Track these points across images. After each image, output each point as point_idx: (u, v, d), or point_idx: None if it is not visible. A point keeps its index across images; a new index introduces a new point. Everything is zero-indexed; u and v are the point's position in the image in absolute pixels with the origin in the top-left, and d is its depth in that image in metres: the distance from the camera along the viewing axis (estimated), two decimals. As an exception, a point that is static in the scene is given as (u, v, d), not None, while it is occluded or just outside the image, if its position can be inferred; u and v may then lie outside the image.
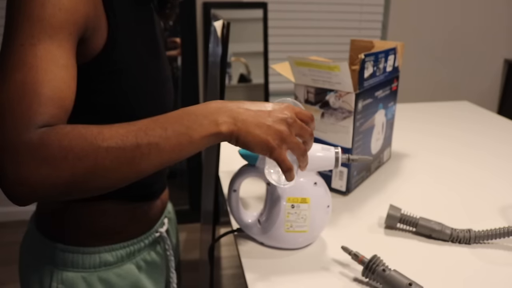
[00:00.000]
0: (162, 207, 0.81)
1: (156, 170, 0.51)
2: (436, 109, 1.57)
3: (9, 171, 0.44)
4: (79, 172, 0.46)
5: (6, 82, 0.47)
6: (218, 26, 1.06)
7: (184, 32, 2.25)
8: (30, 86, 0.47)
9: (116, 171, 0.48)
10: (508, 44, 2.69)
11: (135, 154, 0.48)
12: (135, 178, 0.50)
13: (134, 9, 0.65)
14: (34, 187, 0.45)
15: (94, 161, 0.46)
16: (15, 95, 0.46)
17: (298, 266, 0.70)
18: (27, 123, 0.46)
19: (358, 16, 2.47)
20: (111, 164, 0.47)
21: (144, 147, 0.48)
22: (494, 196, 0.94)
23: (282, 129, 0.55)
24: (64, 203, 0.69)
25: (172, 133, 0.50)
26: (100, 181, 0.48)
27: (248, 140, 0.53)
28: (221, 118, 0.52)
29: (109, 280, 0.71)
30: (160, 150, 0.49)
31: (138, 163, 0.48)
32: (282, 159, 0.56)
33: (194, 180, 2.46)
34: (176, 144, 0.50)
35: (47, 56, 0.48)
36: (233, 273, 2.06)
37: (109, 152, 0.47)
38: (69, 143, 0.46)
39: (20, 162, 0.45)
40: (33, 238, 0.72)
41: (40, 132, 0.46)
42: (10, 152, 0.45)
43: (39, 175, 0.45)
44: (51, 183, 0.46)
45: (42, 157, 0.45)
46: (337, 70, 0.83)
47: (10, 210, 2.44)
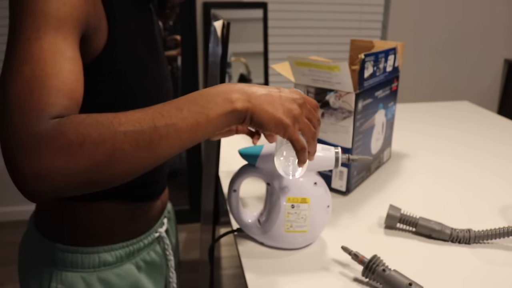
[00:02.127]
0: (162, 207, 0.81)
1: (176, 153, 0.50)
2: (436, 109, 1.57)
3: (24, 165, 0.43)
4: (98, 159, 0.45)
5: (14, 76, 0.46)
6: (218, 26, 1.06)
7: (184, 32, 2.25)
8: (38, 78, 0.46)
9: (136, 155, 0.46)
10: (508, 44, 2.69)
11: (153, 137, 0.47)
12: (155, 163, 0.49)
13: (134, 10, 0.65)
14: (52, 179, 0.43)
15: (112, 146, 0.45)
16: (25, 88, 0.45)
17: (298, 266, 0.70)
18: (39, 114, 0.45)
19: (358, 16, 2.47)
20: (130, 148, 0.46)
21: (161, 128, 0.47)
22: (494, 196, 0.94)
23: (294, 108, 0.55)
24: (63, 202, 0.69)
25: (188, 113, 0.49)
26: (120, 167, 0.46)
27: (262, 117, 0.53)
28: (234, 96, 0.52)
29: (109, 280, 0.71)
30: (178, 131, 0.48)
31: (157, 145, 0.47)
32: (296, 137, 0.56)
33: (194, 180, 2.46)
34: (194, 124, 0.49)
35: (54, 49, 0.48)
36: (233, 273, 2.06)
37: (127, 135, 0.46)
38: (85, 129, 0.45)
39: (36, 154, 0.43)
40: (33, 238, 0.72)
41: (54, 122, 0.45)
42: (24, 145, 0.43)
43: (56, 165, 0.43)
44: (70, 173, 0.44)
45: (59, 146, 0.43)
46: (337, 70, 0.83)
47: (10, 210, 2.44)
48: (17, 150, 0.43)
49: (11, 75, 0.46)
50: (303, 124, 0.57)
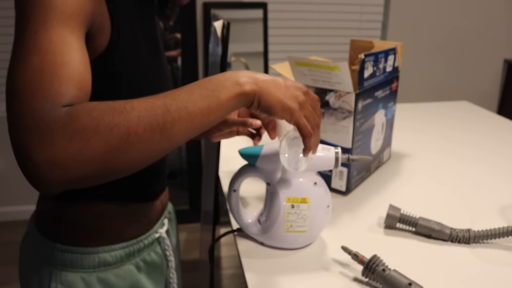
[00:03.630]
0: (162, 208, 0.81)
1: (189, 137, 0.50)
2: (436, 109, 1.57)
3: (37, 152, 0.41)
4: (113, 143, 0.44)
5: (22, 67, 0.45)
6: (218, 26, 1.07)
7: (184, 32, 2.25)
8: (48, 68, 0.45)
9: (150, 139, 0.46)
10: (508, 44, 2.69)
11: (166, 119, 0.47)
12: (169, 147, 0.49)
13: (137, 9, 0.65)
14: (67, 166, 0.42)
15: (126, 129, 0.45)
16: (35, 77, 0.44)
17: (298, 266, 0.70)
18: (50, 102, 0.44)
19: (358, 16, 2.47)
20: (144, 131, 0.45)
21: (174, 111, 0.47)
22: (494, 196, 0.94)
23: (299, 95, 0.57)
24: (64, 202, 0.69)
25: (199, 96, 0.50)
26: (135, 152, 0.46)
27: (270, 100, 0.54)
28: (242, 80, 0.53)
29: (108, 280, 0.71)
30: (190, 114, 0.48)
31: (170, 128, 0.47)
32: (303, 122, 0.57)
33: (194, 180, 2.46)
34: (205, 107, 0.49)
35: (62, 40, 0.47)
36: (233, 273, 2.06)
37: (140, 119, 0.45)
38: (99, 114, 0.44)
39: (49, 140, 0.42)
40: (33, 238, 0.72)
41: (66, 109, 0.44)
42: (36, 132, 0.42)
43: (71, 150, 0.42)
44: (85, 159, 0.43)
45: (73, 131, 0.42)
46: (337, 70, 0.83)
47: (10, 210, 2.44)
48: (29, 137, 0.42)
49: (19, 66, 0.45)
50: (308, 111, 0.58)
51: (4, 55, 2.23)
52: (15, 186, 2.41)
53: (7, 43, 2.20)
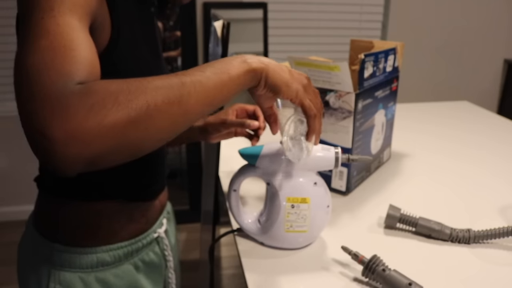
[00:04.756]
0: (161, 208, 0.81)
1: (205, 112, 0.50)
2: (436, 109, 1.57)
3: (54, 129, 0.40)
4: (133, 115, 0.43)
5: (31, 50, 0.44)
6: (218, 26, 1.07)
7: (184, 32, 2.25)
8: (58, 50, 0.44)
9: (168, 112, 0.46)
10: (508, 44, 2.69)
11: (182, 93, 0.47)
12: (187, 121, 0.49)
13: (137, 9, 0.65)
14: (86, 140, 0.41)
15: (145, 102, 0.44)
16: (45, 58, 0.43)
17: (298, 266, 0.70)
18: (63, 79, 0.42)
19: (358, 16, 2.47)
20: (163, 104, 0.45)
21: (188, 85, 0.48)
22: (494, 196, 0.94)
23: (302, 79, 0.60)
24: (62, 202, 0.69)
25: (211, 73, 0.51)
26: (155, 125, 0.45)
27: (276, 78, 0.56)
28: (249, 59, 0.55)
29: (107, 280, 0.71)
30: (204, 87, 0.49)
31: (187, 101, 0.47)
32: (307, 102, 0.60)
33: (194, 180, 2.46)
34: (218, 82, 0.51)
35: (70, 25, 0.47)
36: (233, 273, 2.06)
37: (158, 91, 0.45)
38: (116, 87, 0.44)
39: (66, 114, 0.40)
40: (31, 238, 0.72)
41: (81, 85, 0.43)
42: (51, 108, 0.40)
43: (90, 124, 0.41)
44: (104, 132, 0.41)
45: (90, 104, 0.41)
46: (337, 70, 0.83)
47: (10, 210, 2.44)
48: (45, 114, 0.40)
49: (27, 50, 0.44)
50: (311, 95, 0.60)
51: (4, 55, 2.23)
52: (15, 186, 2.41)
53: (7, 43, 2.20)
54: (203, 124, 0.89)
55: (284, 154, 0.69)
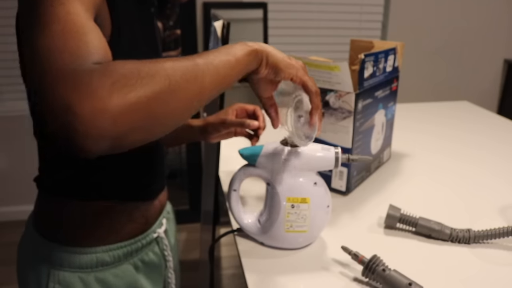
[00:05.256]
0: (161, 208, 0.81)
1: (218, 91, 0.53)
2: (436, 109, 1.57)
3: (81, 104, 0.39)
4: (156, 89, 0.43)
5: (43, 34, 0.43)
6: (218, 26, 1.07)
7: (184, 32, 2.25)
8: (71, 33, 0.44)
9: (187, 88, 0.47)
10: (508, 44, 2.69)
11: (197, 71, 0.49)
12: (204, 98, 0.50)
13: (136, 9, 0.65)
14: (113, 115, 0.40)
15: (166, 77, 0.45)
16: (59, 40, 0.43)
17: (298, 266, 0.70)
18: (81, 59, 0.42)
19: (358, 16, 2.47)
20: (181, 79, 0.46)
21: (201, 64, 0.50)
22: (494, 196, 0.94)
23: (299, 62, 0.64)
24: (61, 202, 0.69)
25: (218, 55, 0.53)
26: (176, 101, 0.46)
27: (276, 58, 0.60)
28: (248, 43, 0.58)
29: (106, 280, 0.71)
30: (216, 67, 0.51)
31: (202, 79, 0.49)
32: (307, 79, 0.63)
33: (194, 180, 2.46)
34: (226, 63, 0.53)
35: (79, 13, 0.47)
36: (233, 273, 2.06)
37: (175, 69, 0.46)
38: (134, 65, 0.44)
39: (92, 90, 0.39)
40: (31, 238, 0.72)
41: (99, 65, 0.43)
42: (74, 83, 0.40)
43: (116, 99, 0.40)
44: (130, 106, 0.41)
45: (114, 80, 0.41)
46: (337, 70, 0.83)
47: (10, 210, 2.44)
48: (69, 90, 0.39)
49: (39, 35, 0.44)
50: (308, 76, 0.63)
51: (4, 55, 2.23)
52: (14, 186, 2.41)
53: (7, 43, 2.20)
54: (203, 124, 0.89)
55: (284, 155, 0.69)
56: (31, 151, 0.98)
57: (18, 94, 2.28)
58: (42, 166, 0.71)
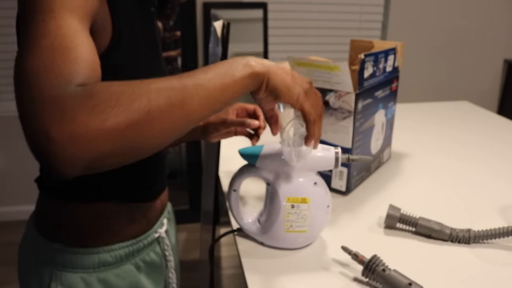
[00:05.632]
0: (162, 208, 0.81)
1: (206, 115, 0.50)
2: (436, 109, 1.57)
3: (56, 129, 0.40)
4: (134, 117, 0.43)
5: (32, 51, 0.44)
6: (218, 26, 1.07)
7: (184, 32, 2.25)
8: (59, 50, 0.44)
9: (170, 114, 0.46)
10: (508, 44, 2.69)
11: (185, 94, 0.47)
12: (188, 123, 0.49)
13: (137, 9, 0.65)
14: (88, 141, 0.41)
15: (148, 103, 0.44)
16: (46, 59, 0.43)
17: (298, 266, 0.70)
18: (65, 80, 0.43)
19: (358, 16, 2.47)
20: (165, 105, 0.45)
21: (191, 87, 0.48)
22: (494, 196, 0.94)
23: (304, 83, 0.60)
24: (63, 202, 0.69)
25: (214, 75, 0.51)
26: (156, 128, 0.45)
27: (277, 82, 0.56)
28: (252, 63, 0.55)
29: (108, 280, 0.71)
30: (206, 90, 0.49)
31: (189, 103, 0.47)
32: (307, 107, 0.59)
33: (194, 180, 2.46)
34: (220, 85, 0.51)
35: (70, 27, 0.47)
36: (233, 273, 2.06)
37: (160, 93, 0.45)
38: (117, 88, 0.43)
39: (68, 115, 0.40)
40: (32, 238, 0.72)
41: (82, 87, 0.43)
42: (53, 108, 0.40)
43: (92, 124, 0.41)
44: (107, 133, 0.41)
45: (92, 105, 0.41)
46: (337, 70, 0.83)
47: (10, 210, 2.44)
48: (47, 114, 0.40)
49: (28, 51, 0.44)
50: (312, 99, 0.60)
51: (4, 55, 2.23)
52: (15, 186, 2.41)
53: (7, 43, 2.20)
54: (203, 123, 0.89)
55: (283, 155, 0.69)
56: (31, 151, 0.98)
57: (18, 94, 2.28)
58: (42, 167, 0.71)
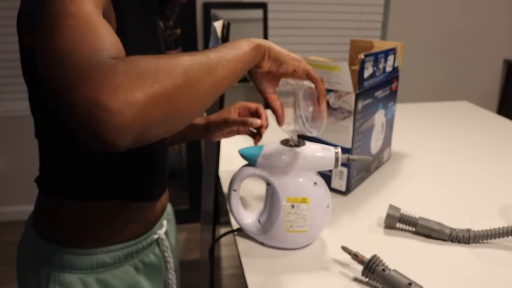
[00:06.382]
0: (162, 209, 0.81)
1: (231, 83, 0.54)
2: (436, 109, 1.57)
3: (108, 97, 0.40)
4: (178, 82, 0.45)
5: (61, 29, 0.44)
6: (218, 26, 1.07)
7: (184, 32, 2.25)
8: (87, 27, 0.45)
9: (204, 80, 0.49)
10: (508, 44, 2.69)
11: (210, 64, 0.50)
12: (217, 92, 0.52)
13: (140, 8, 0.65)
14: (139, 108, 0.41)
15: (184, 70, 0.46)
16: (78, 34, 0.44)
17: (298, 266, 0.70)
18: (100, 53, 0.43)
19: (358, 16, 2.47)
20: (198, 72, 0.48)
21: (214, 58, 0.51)
22: (494, 196, 0.94)
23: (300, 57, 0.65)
24: (62, 203, 0.68)
25: (228, 50, 0.55)
26: (195, 94, 0.47)
27: (279, 51, 0.63)
28: (252, 39, 0.60)
29: (107, 281, 0.71)
30: (227, 61, 0.53)
31: (215, 71, 0.51)
32: (310, 67, 0.65)
33: (194, 180, 2.46)
34: (235, 56, 0.55)
35: (91, 10, 0.47)
36: (233, 273, 2.06)
37: (191, 62, 0.48)
38: (154, 59, 0.45)
39: (117, 84, 0.40)
40: (30, 239, 0.72)
41: (119, 58, 0.44)
42: (101, 77, 0.41)
43: (141, 92, 0.41)
44: (155, 99, 0.42)
45: (137, 73, 0.42)
46: (337, 70, 0.83)
47: (10, 210, 2.44)
48: (96, 84, 0.40)
49: (55, 30, 0.44)
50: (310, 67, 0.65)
51: (4, 55, 2.23)
52: (15, 186, 2.41)
53: (7, 43, 2.20)
54: (205, 123, 0.88)
55: (284, 155, 0.69)
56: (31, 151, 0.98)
57: (18, 94, 2.28)
58: (42, 167, 0.71)
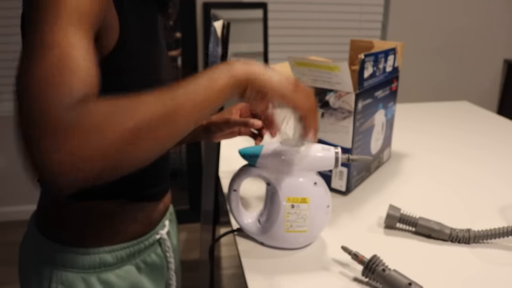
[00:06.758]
0: (165, 209, 0.81)
1: (196, 123, 0.52)
2: (436, 109, 1.57)
3: (53, 153, 0.42)
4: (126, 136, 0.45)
5: (39, 60, 0.45)
6: (218, 26, 1.07)
7: (184, 32, 2.25)
8: (66, 61, 0.46)
9: (158, 130, 0.48)
10: (508, 44, 2.69)
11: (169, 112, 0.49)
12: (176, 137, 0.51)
13: (142, 8, 0.66)
14: (87, 158, 0.43)
15: (143, 115, 0.46)
16: (53, 70, 0.45)
17: (298, 266, 0.70)
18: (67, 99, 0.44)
19: (358, 16, 2.47)
20: (156, 122, 0.48)
21: (176, 104, 0.50)
22: (494, 196, 0.94)
23: (290, 80, 0.59)
24: (64, 202, 0.69)
25: (199, 88, 0.53)
26: (146, 145, 0.47)
27: (264, 81, 0.56)
28: (235, 69, 0.56)
29: (109, 281, 0.71)
30: (193, 104, 0.52)
31: (175, 120, 0.49)
32: (299, 101, 0.59)
33: (194, 180, 2.46)
34: (205, 97, 0.53)
35: (76, 37, 0.48)
36: (233, 273, 2.06)
37: (152, 104, 0.48)
38: (110, 109, 0.45)
39: (64, 138, 0.42)
40: (33, 238, 0.72)
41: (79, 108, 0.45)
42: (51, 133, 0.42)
43: (88, 146, 0.43)
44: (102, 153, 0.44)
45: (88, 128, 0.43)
46: (337, 70, 0.83)
47: (10, 210, 2.45)
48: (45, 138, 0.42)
49: (35, 59, 0.45)
50: (302, 92, 0.59)
51: (4, 55, 2.23)
52: (17, 186, 2.41)
53: (7, 43, 2.20)
54: (206, 124, 0.89)
55: (284, 155, 0.69)
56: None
57: (18, 94, 2.28)
58: None
